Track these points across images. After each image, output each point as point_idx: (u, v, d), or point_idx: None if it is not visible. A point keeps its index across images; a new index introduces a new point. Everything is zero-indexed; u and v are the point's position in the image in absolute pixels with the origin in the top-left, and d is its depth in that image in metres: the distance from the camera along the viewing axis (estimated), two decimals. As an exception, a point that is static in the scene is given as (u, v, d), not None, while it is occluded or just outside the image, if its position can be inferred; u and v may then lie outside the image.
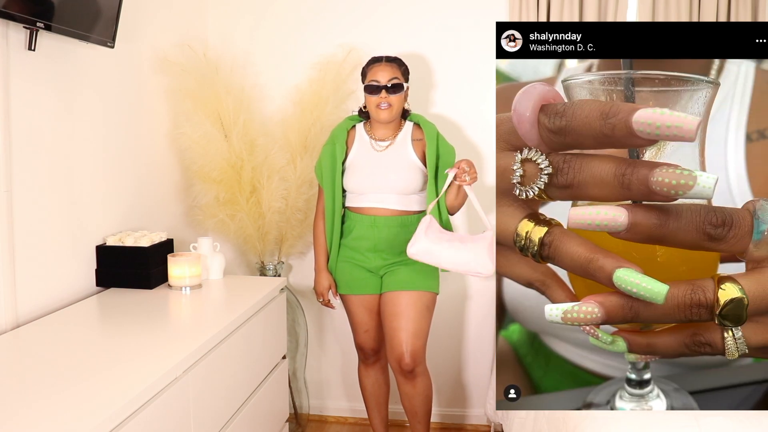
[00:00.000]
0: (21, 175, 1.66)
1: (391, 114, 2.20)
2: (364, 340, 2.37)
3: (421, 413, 2.34)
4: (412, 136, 2.27)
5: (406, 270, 2.24)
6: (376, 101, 2.18)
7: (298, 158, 2.58)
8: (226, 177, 2.46)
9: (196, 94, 2.42)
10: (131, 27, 2.15)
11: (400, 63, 2.26)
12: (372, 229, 2.24)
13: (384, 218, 2.23)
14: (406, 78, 2.26)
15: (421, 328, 2.23)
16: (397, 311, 2.22)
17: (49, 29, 1.63)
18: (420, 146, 2.26)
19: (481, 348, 2.89)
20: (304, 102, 2.62)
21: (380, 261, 2.26)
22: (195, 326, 1.70)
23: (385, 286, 2.27)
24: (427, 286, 2.25)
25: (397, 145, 2.26)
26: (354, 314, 2.35)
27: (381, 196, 2.23)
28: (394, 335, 2.22)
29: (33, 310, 1.71)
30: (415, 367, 2.23)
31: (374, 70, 2.21)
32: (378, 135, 2.28)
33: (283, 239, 2.68)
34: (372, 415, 2.49)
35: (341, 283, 2.33)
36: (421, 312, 2.23)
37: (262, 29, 2.80)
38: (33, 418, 1.12)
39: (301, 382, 2.82)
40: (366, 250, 2.27)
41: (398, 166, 2.23)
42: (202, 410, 1.52)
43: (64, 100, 1.85)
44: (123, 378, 1.29)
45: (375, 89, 2.18)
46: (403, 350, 2.20)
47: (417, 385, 2.27)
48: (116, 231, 2.10)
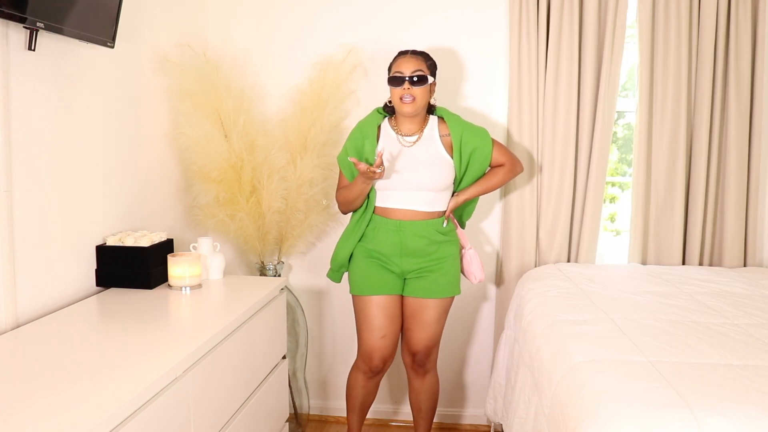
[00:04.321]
0: (21, 175, 1.66)
1: (415, 107, 2.14)
2: (378, 347, 2.25)
3: (425, 409, 2.41)
4: (440, 132, 2.23)
5: (432, 275, 2.23)
6: (400, 93, 2.13)
7: (298, 158, 2.58)
8: (226, 177, 2.46)
9: (196, 94, 2.42)
10: (131, 27, 2.15)
11: (426, 57, 2.20)
12: (397, 234, 2.20)
13: (410, 223, 2.19)
14: (433, 72, 2.20)
15: (438, 330, 2.31)
16: (419, 317, 2.26)
17: (49, 29, 1.63)
18: (448, 141, 2.22)
19: (481, 348, 2.89)
20: (304, 102, 2.62)
21: (408, 265, 2.23)
22: (195, 326, 1.70)
23: (410, 291, 2.25)
24: (451, 291, 2.27)
25: (426, 140, 2.21)
26: (372, 317, 2.25)
27: (409, 194, 2.19)
28: (411, 336, 2.30)
29: (33, 310, 1.71)
30: (427, 364, 2.34)
31: (399, 62, 2.16)
32: (404, 130, 2.23)
33: (283, 239, 2.68)
34: (351, 417, 2.47)
35: (359, 282, 2.25)
36: (440, 316, 2.28)
37: (262, 29, 2.80)
38: (33, 418, 1.12)
39: (301, 382, 2.82)
40: (392, 255, 2.22)
41: (429, 161, 2.18)
42: (202, 410, 1.52)
43: (64, 100, 1.85)
44: (123, 378, 1.29)
45: (398, 80, 2.13)
46: (418, 348, 2.30)
47: (426, 381, 2.37)
48: (116, 231, 2.10)
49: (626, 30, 2.60)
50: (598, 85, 2.60)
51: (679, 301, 2.06)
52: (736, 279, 2.34)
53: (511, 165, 2.31)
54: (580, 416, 1.38)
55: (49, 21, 1.62)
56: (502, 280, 2.75)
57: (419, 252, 2.21)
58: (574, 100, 2.61)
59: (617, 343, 1.67)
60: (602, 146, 2.61)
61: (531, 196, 2.67)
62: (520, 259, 2.70)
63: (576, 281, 2.32)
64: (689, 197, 2.66)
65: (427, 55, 2.22)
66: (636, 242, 2.70)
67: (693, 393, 1.35)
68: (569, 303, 2.06)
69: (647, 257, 2.70)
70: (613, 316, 1.91)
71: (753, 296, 2.13)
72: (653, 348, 1.63)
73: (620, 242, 3.09)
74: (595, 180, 2.62)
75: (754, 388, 1.38)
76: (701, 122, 2.59)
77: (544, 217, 2.68)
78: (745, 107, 2.58)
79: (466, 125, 2.23)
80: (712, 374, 1.46)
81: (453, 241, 2.28)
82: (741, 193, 2.61)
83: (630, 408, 1.32)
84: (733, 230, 2.62)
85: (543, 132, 2.64)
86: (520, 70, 2.61)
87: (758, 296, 2.13)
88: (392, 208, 2.21)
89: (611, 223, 3.24)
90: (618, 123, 3.03)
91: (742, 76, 2.56)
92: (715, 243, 2.68)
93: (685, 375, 1.45)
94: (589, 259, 2.68)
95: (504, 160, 2.29)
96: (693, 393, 1.35)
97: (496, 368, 2.50)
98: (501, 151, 2.29)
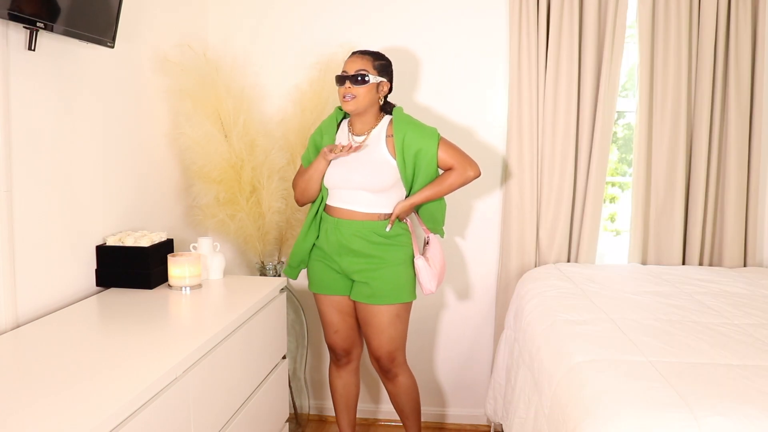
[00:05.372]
0: (21, 175, 1.66)
1: (356, 105, 2.13)
2: (333, 340, 2.36)
3: (407, 410, 2.40)
4: (387, 132, 2.20)
5: (375, 281, 2.19)
6: (342, 92, 2.14)
7: (298, 158, 2.58)
8: (226, 177, 2.46)
9: (196, 94, 2.42)
10: (131, 27, 2.15)
11: (375, 56, 2.17)
12: (335, 233, 2.20)
13: (347, 222, 2.19)
14: (381, 72, 2.16)
15: (395, 334, 2.25)
16: (369, 322, 2.25)
17: (49, 29, 1.63)
18: (392, 142, 2.18)
19: (481, 348, 2.89)
20: (304, 102, 2.62)
21: (346, 264, 2.22)
22: (195, 326, 1.70)
23: (355, 295, 2.24)
24: (397, 298, 2.21)
25: (372, 140, 2.20)
26: (324, 314, 2.34)
27: (351, 193, 2.18)
28: (369, 341, 2.29)
29: (33, 310, 1.71)
30: (393, 368, 2.30)
31: (346, 62, 2.17)
32: (356, 129, 2.23)
33: (283, 239, 2.68)
34: (340, 418, 2.47)
35: (313, 281, 2.32)
36: (392, 322, 2.23)
37: (262, 29, 2.80)
38: (33, 418, 1.12)
39: (301, 382, 2.82)
40: (332, 252, 2.23)
41: (370, 161, 2.17)
42: (202, 410, 1.52)
43: (64, 100, 1.85)
44: (123, 378, 1.29)
45: (341, 80, 2.14)
46: (378, 354, 2.28)
47: (398, 385, 2.34)
48: (116, 231, 2.10)
49: (626, 30, 2.60)
50: (598, 85, 2.60)
51: (680, 301, 2.06)
52: (736, 279, 2.34)
53: (461, 168, 2.17)
54: (580, 416, 1.38)
55: (49, 21, 1.62)
56: (502, 280, 2.75)
57: (357, 252, 2.19)
58: (574, 100, 2.61)
59: (617, 343, 1.67)
60: (602, 146, 2.61)
61: (531, 196, 2.67)
62: (520, 259, 2.70)
63: (576, 281, 2.32)
64: (689, 197, 2.65)
65: (378, 54, 2.19)
66: (636, 242, 2.70)
67: (693, 393, 1.35)
68: (569, 303, 2.06)
69: (647, 257, 2.70)
70: (613, 316, 1.91)
71: (753, 296, 2.13)
72: (653, 348, 1.63)
73: (620, 242, 3.09)
74: (595, 180, 2.62)
75: (754, 388, 1.38)
76: (701, 122, 2.59)
77: (544, 217, 2.68)
78: (745, 107, 2.58)
79: (412, 125, 2.18)
80: (712, 374, 1.46)
81: (400, 246, 2.22)
82: (741, 193, 2.61)
83: (630, 408, 1.32)
84: (732, 230, 2.62)
85: (543, 132, 2.64)
86: (520, 70, 2.61)
87: (758, 296, 2.13)
88: (334, 206, 2.22)
89: (611, 223, 3.25)
90: (618, 123, 3.03)
91: (742, 76, 2.56)
92: (715, 243, 2.68)
93: (685, 375, 1.45)
94: (588, 259, 2.68)
95: (452, 163, 2.18)
96: (693, 393, 1.35)
97: (496, 368, 2.50)
98: (449, 154, 2.18)
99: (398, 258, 2.21)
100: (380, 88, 2.18)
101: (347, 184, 2.17)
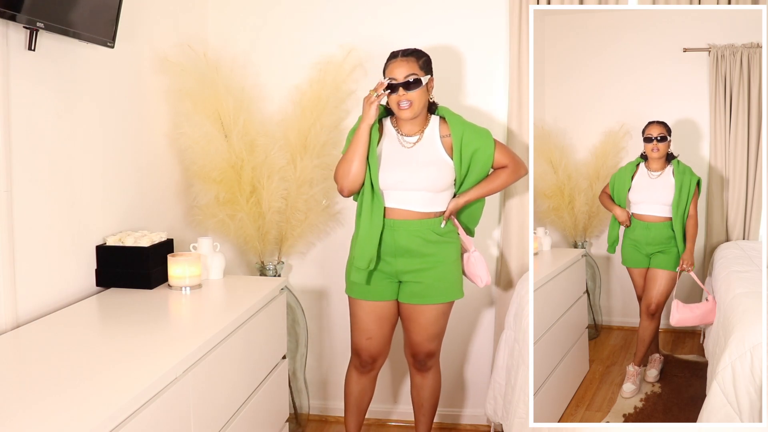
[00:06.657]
0: (21, 175, 1.66)
1: (413, 111, 2.10)
2: (365, 346, 2.30)
3: (427, 406, 2.42)
4: (440, 132, 2.20)
5: (427, 280, 2.19)
6: (396, 99, 2.10)
7: (298, 158, 2.58)
8: (226, 177, 2.46)
9: (196, 94, 2.41)
10: (131, 27, 2.15)
11: (418, 55, 2.14)
12: (390, 234, 2.17)
13: (403, 222, 2.16)
14: (427, 70, 2.13)
15: (439, 332, 2.30)
16: (415, 319, 2.25)
17: (49, 29, 1.63)
18: (449, 142, 2.18)
19: (481, 348, 2.89)
20: (304, 102, 2.62)
21: (401, 265, 2.19)
22: (195, 326, 1.70)
23: (404, 297, 2.23)
24: (449, 296, 2.24)
25: (426, 141, 2.18)
26: (360, 319, 2.28)
27: (407, 194, 2.16)
28: (411, 338, 2.30)
29: (33, 310, 1.71)
30: (428, 362, 2.34)
31: (390, 68, 2.11)
32: (405, 130, 2.20)
33: (283, 239, 2.68)
34: (349, 419, 2.47)
35: (353, 285, 2.25)
36: (438, 319, 2.26)
37: (262, 29, 2.80)
38: (33, 418, 1.12)
39: (301, 382, 2.82)
40: (386, 254, 2.19)
41: (428, 162, 2.15)
42: (202, 410, 1.52)
43: (64, 100, 1.84)
44: (123, 378, 1.29)
45: (392, 88, 2.09)
46: (418, 350, 2.30)
47: (427, 378, 2.38)
48: (116, 231, 2.10)
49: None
50: (598, 85, 2.60)
51: None
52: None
53: (515, 167, 2.25)
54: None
55: (49, 21, 1.62)
56: (503, 281, 2.75)
57: (413, 252, 2.18)
58: (574, 100, 2.61)
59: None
60: (602, 146, 2.61)
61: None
62: (520, 260, 2.70)
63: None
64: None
65: (420, 52, 2.16)
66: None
67: None
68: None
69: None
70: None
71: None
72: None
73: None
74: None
75: None
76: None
77: (544, 217, 2.68)
78: None
79: (467, 126, 2.20)
80: None
81: (452, 243, 2.23)
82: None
83: None
84: None
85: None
86: (520, 70, 2.61)
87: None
88: (389, 207, 2.18)
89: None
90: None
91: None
92: None
93: None
94: (589, 259, 2.68)
95: (507, 162, 2.24)
96: None
97: (496, 368, 2.50)
98: (504, 153, 2.24)
99: (451, 255, 2.23)
100: (429, 87, 2.17)
101: (405, 185, 2.15)
